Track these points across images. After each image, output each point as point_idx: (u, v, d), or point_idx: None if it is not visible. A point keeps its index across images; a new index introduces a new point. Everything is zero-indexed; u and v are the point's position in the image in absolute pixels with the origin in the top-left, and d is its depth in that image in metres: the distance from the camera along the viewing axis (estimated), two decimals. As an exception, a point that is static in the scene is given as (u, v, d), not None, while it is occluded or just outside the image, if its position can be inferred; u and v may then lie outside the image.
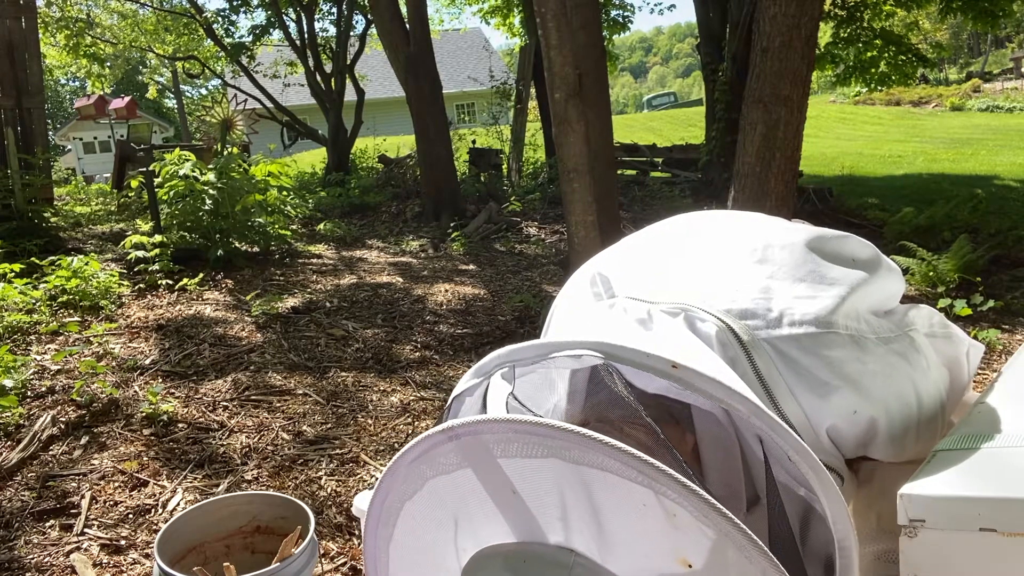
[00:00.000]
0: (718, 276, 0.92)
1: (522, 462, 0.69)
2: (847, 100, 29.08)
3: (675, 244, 1.03)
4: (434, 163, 8.09)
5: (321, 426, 2.98)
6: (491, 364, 0.88)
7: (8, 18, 6.12)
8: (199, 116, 13.59)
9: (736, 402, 0.74)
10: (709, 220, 1.06)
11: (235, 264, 5.55)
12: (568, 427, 0.65)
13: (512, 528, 0.73)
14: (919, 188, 9.53)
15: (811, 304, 0.87)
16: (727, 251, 0.96)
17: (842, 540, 0.76)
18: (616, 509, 0.67)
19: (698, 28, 9.57)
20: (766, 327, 0.85)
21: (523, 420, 0.68)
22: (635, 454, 0.63)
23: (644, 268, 1.00)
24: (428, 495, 0.78)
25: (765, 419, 0.74)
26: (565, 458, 0.66)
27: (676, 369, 0.75)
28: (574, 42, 3.91)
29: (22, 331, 3.86)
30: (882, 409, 0.88)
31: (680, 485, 0.62)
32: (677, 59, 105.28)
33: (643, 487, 0.64)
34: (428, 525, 0.81)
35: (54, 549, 2.14)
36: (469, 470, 0.73)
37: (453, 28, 23.20)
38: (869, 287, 0.94)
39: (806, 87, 3.47)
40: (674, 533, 0.65)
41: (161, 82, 26.94)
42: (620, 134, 11.48)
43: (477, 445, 0.71)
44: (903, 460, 0.97)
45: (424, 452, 0.75)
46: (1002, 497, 0.73)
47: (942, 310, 4.23)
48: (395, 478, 0.79)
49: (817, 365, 0.85)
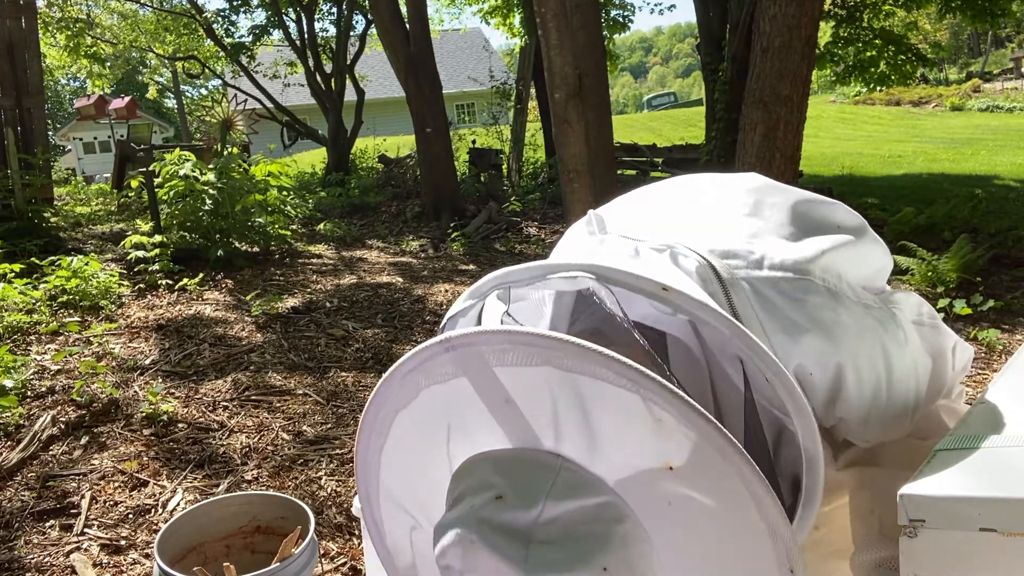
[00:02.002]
0: (706, 223, 0.96)
1: (517, 371, 0.71)
2: (847, 100, 29.08)
3: (670, 195, 1.08)
4: (434, 163, 8.09)
5: (321, 426, 2.98)
6: (486, 286, 0.90)
7: (8, 18, 6.12)
8: (199, 116, 13.60)
9: (722, 325, 0.77)
10: (706, 179, 1.08)
11: (235, 264, 5.55)
12: (564, 337, 0.67)
13: (506, 435, 0.75)
14: (919, 188, 9.53)
15: (792, 251, 0.90)
16: (718, 204, 1.00)
17: (810, 457, 0.78)
18: (605, 415, 0.69)
19: (698, 28, 9.58)
20: (746, 267, 0.88)
21: (520, 330, 0.70)
22: (626, 362, 0.65)
23: (638, 213, 1.05)
24: (422, 404, 0.79)
25: (747, 340, 0.77)
26: (559, 367, 0.68)
27: (666, 291, 0.78)
28: (574, 42, 3.92)
29: (22, 331, 3.86)
30: (850, 360, 0.90)
31: (666, 391, 0.65)
32: (677, 59, 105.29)
33: (632, 393, 0.66)
34: (421, 433, 0.82)
35: (54, 549, 2.14)
36: (464, 379, 0.75)
37: (453, 28, 23.26)
38: (852, 250, 0.96)
39: (806, 87, 3.47)
40: (659, 437, 0.67)
41: (161, 82, 26.94)
42: (620, 134, 11.48)
43: (473, 355, 0.72)
44: (870, 437, 0.98)
45: (420, 363, 0.76)
46: (1002, 497, 0.73)
47: (942, 310, 4.23)
48: (390, 388, 0.81)
49: (791, 307, 0.87)
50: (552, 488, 0.70)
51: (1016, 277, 5.03)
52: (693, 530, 0.70)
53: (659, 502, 0.70)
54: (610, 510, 0.70)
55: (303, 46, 11.85)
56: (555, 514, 0.68)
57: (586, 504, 0.69)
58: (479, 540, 0.68)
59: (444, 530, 0.72)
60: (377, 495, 0.90)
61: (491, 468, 0.74)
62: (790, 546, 0.66)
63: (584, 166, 3.84)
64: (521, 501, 0.69)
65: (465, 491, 0.74)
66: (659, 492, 0.69)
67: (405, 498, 0.87)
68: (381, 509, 0.91)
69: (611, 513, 0.70)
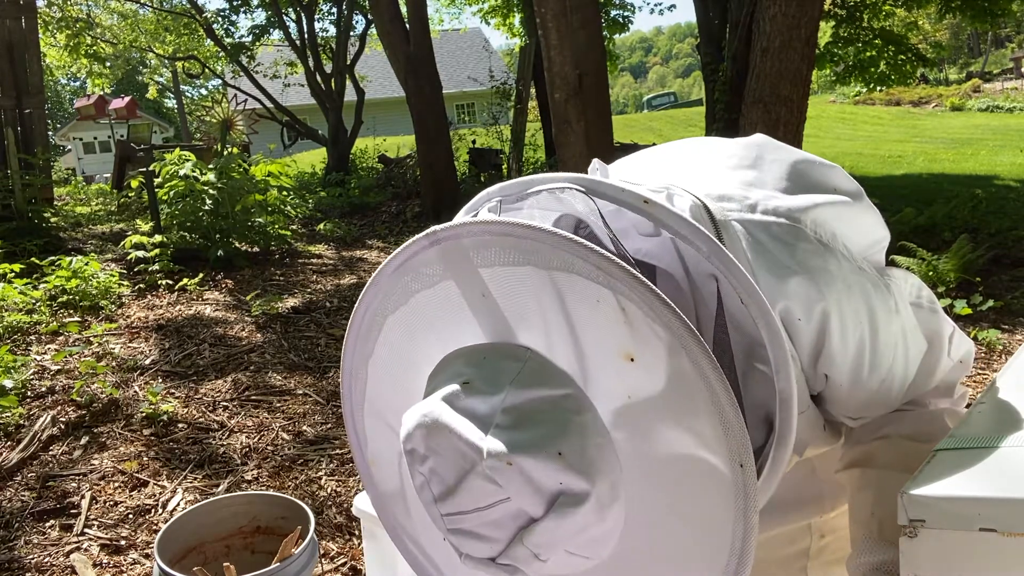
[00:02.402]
0: (706, 171, 0.97)
1: (500, 271, 0.72)
2: (847, 100, 29.08)
3: (675, 150, 1.09)
4: (434, 163, 8.10)
5: (321, 426, 2.98)
6: (480, 200, 0.91)
7: (8, 18, 6.12)
8: (199, 116, 13.59)
9: (699, 240, 0.77)
10: (713, 139, 1.11)
11: (235, 264, 5.55)
12: (541, 226, 0.68)
13: (483, 331, 0.77)
14: (919, 188, 9.53)
15: (787, 200, 0.91)
16: (719, 155, 1.01)
17: (783, 392, 0.77)
18: (577, 309, 0.70)
19: (698, 28, 9.58)
20: (739, 210, 0.89)
21: (498, 221, 0.71)
22: (598, 251, 0.66)
23: (641, 164, 1.06)
24: (411, 309, 0.80)
25: (723, 257, 0.77)
26: (537, 264, 0.70)
27: (647, 204, 0.78)
28: (574, 42, 3.92)
29: (22, 331, 3.86)
30: (836, 309, 0.89)
31: (634, 279, 0.65)
32: (677, 59, 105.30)
33: (600, 284, 0.67)
34: (408, 338, 0.83)
35: (54, 549, 2.14)
36: (451, 282, 0.76)
37: (453, 28, 23.27)
38: (847, 211, 0.97)
39: (806, 87, 3.47)
40: (622, 328, 0.68)
41: (161, 82, 26.94)
42: (620, 134, 11.48)
43: (457, 251, 0.74)
44: (853, 408, 0.98)
45: (406, 260, 0.77)
46: (1002, 497, 0.73)
47: (942, 310, 4.23)
48: (378, 289, 0.81)
49: (781, 250, 0.88)
50: (518, 376, 0.71)
51: (1016, 277, 5.03)
52: (649, 425, 0.71)
53: (620, 396, 0.71)
54: (571, 401, 0.71)
55: (303, 46, 11.85)
56: (517, 401, 0.70)
57: (549, 394, 0.71)
58: (441, 422, 0.70)
59: (410, 415, 0.74)
60: (361, 406, 0.91)
61: (463, 361, 0.76)
62: (742, 440, 0.66)
63: (584, 166, 3.84)
64: (486, 387, 0.71)
65: (437, 384, 0.75)
66: (620, 384, 0.70)
67: (394, 416, 0.86)
68: (365, 423, 0.92)
69: (572, 404, 0.71)
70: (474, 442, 0.68)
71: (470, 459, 0.68)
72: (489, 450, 0.67)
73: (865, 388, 0.95)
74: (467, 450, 0.68)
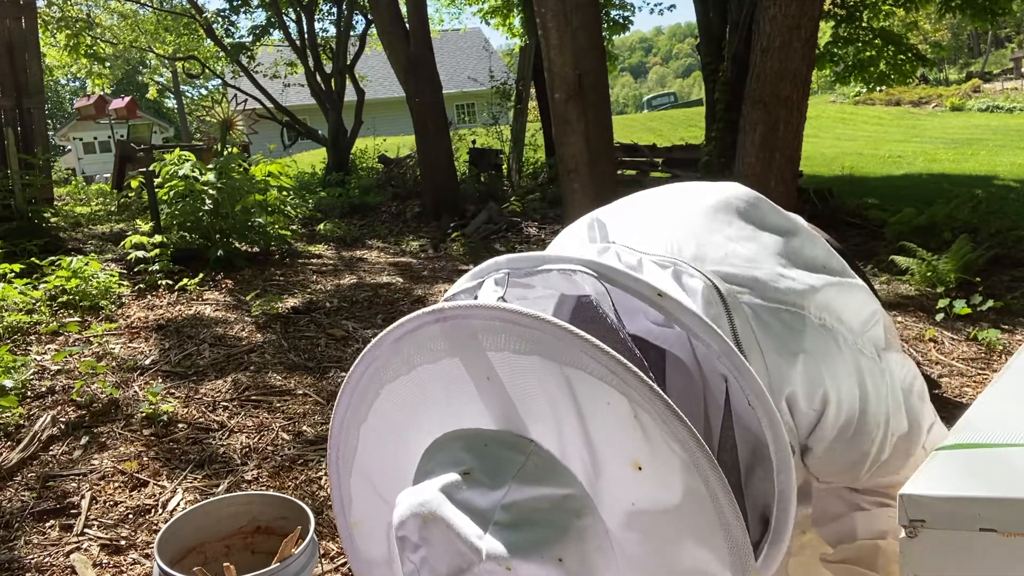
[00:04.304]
0: (710, 241, 0.97)
1: (508, 356, 0.71)
2: (847, 100, 29.07)
3: (670, 205, 1.08)
4: (434, 163, 8.09)
5: (321, 426, 2.98)
6: (487, 269, 0.90)
7: (8, 18, 6.12)
8: (199, 116, 13.59)
9: (711, 339, 0.78)
10: (705, 191, 1.10)
11: (235, 264, 5.55)
12: (552, 320, 0.68)
13: (488, 414, 0.75)
14: (919, 188, 9.53)
15: (791, 284, 0.93)
16: (720, 222, 1.02)
17: (783, 492, 0.78)
18: (586, 406, 0.69)
19: (698, 28, 9.57)
20: (749, 293, 0.90)
21: (510, 308, 0.70)
22: (611, 353, 0.65)
23: (639, 221, 1.05)
24: (411, 380, 0.79)
25: (734, 359, 0.77)
26: (547, 355, 0.69)
27: (661, 297, 0.79)
28: (574, 42, 3.92)
29: (22, 331, 3.86)
30: (834, 392, 0.92)
31: (648, 388, 0.65)
32: (677, 59, 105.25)
33: (614, 388, 0.66)
34: (405, 409, 0.82)
35: (54, 549, 2.14)
36: (457, 360, 0.75)
37: (453, 28, 23.25)
38: (842, 290, 0.99)
39: (806, 87, 3.46)
40: (635, 435, 0.67)
41: (161, 82, 26.93)
42: (620, 134, 11.48)
43: (465, 330, 0.73)
44: (823, 470, 1.01)
45: (410, 331, 0.76)
46: (1002, 497, 0.73)
47: (942, 310, 4.23)
48: (378, 354, 0.80)
49: (789, 336, 0.89)
50: (520, 471, 0.70)
51: (1016, 277, 5.03)
52: (653, 533, 0.70)
53: (625, 501, 0.70)
54: (573, 502, 0.70)
55: (303, 46, 11.84)
56: (518, 498, 0.68)
57: (551, 493, 0.69)
58: (438, 513, 0.68)
59: (405, 501, 0.72)
60: (349, 469, 0.90)
61: (462, 445, 0.74)
62: (745, 558, 0.67)
63: (584, 166, 3.84)
64: (487, 480, 0.69)
65: (434, 467, 0.74)
66: (627, 490, 0.69)
67: (384, 485, 0.86)
68: (351, 484, 0.91)
69: (574, 505, 0.70)
70: (472, 541, 0.66)
71: (467, 558, 0.67)
72: (488, 552, 0.65)
73: (840, 460, 0.98)
74: (464, 548, 0.67)
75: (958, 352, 3.77)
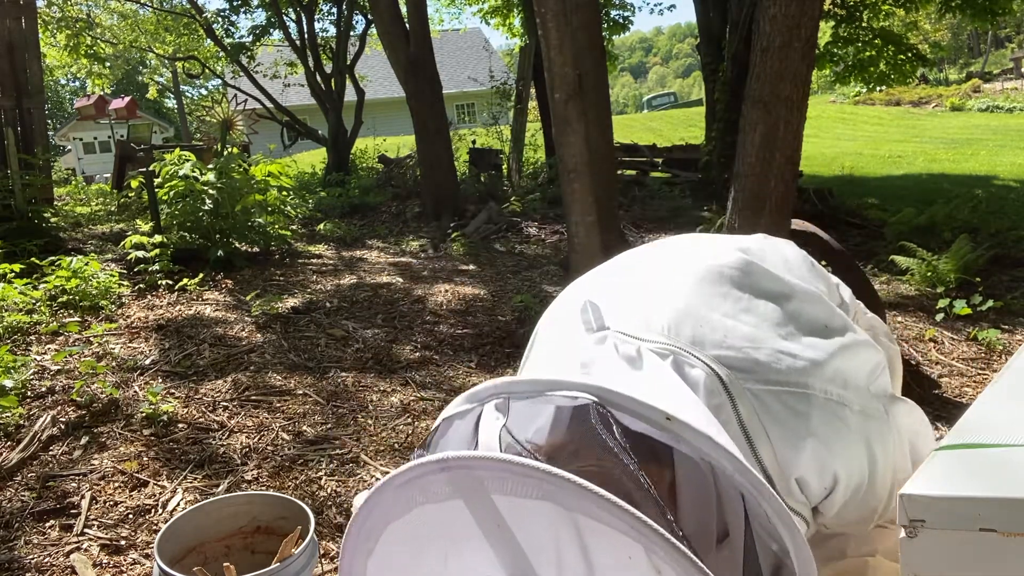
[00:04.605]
0: (707, 320, 0.96)
1: (516, 500, 0.71)
2: (847, 100, 29.06)
3: (669, 275, 1.07)
4: (434, 163, 8.09)
5: (321, 426, 2.98)
6: (485, 393, 0.89)
7: (8, 18, 6.12)
8: (199, 116, 13.59)
9: (724, 460, 0.78)
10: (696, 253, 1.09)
11: (235, 264, 5.55)
12: (563, 474, 0.67)
13: (498, 560, 0.75)
14: (919, 188, 9.53)
15: (793, 362, 0.93)
16: (716, 296, 1.01)
17: None
18: (604, 558, 0.68)
19: (698, 28, 9.58)
20: (751, 378, 0.90)
21: (519, 462, 0.69)
22: (628, 509, 0.65)
23: (636, 298, 1.03)
24: (415, 519, 0.79)
25: (750, 478, 0.78)
26: (557, 502, 0.68)
27: (670, 421, 0.78)
28: (574, 42, 3.92)
29: (22, 331, 3.86)
30: (844, 467, 0.94)
31: (669, 544, 0.64)
32: (677, 59, 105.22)
33: (633, 541, 0.66)
34: (411, 546, 0.82)
35: (54, 549, 2.14)
36: (460, 501, 0.74)
37: (453, 28, 23.20)
38: (845, 352, 1.00)
39: (806, 87, 3.46)
40: None
41: (161, 82, 26.93)
42: (620, 134, 11.48)
43: (470, 478, 0.72)
44: (832, 523, 1.02)
45: (414, 478, 0.76)
46: (1002, 497, 0.73)
47: (942, 310, 4.23)
48: (382, 497, 0.80)
49: (797, 421, 0.90)
50: None
51: (1016, 277, 5.03)
52: None
53: None
54: None
55: (303, 46, 11.84)
56: None
57: None
58: None
59: None
60: None
61: None
62: None
63: (584, 166, 3.84)
64: None
65: None
66: None
67: None
68: None
69: None
70: None
71: None
72: None
73: (851, 517, 1.00)
74: None
75: (958, 352, 3.77)
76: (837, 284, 1.31)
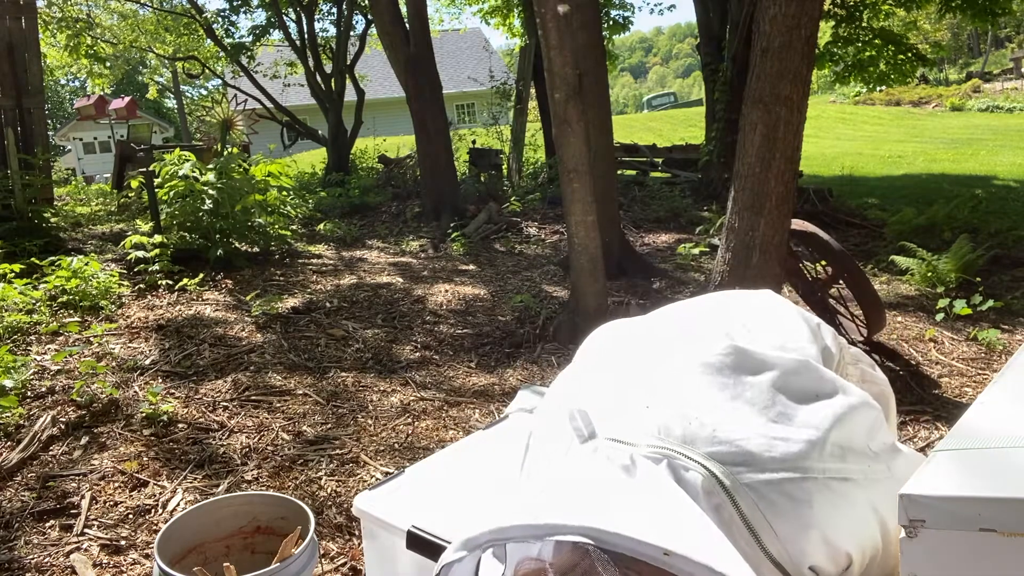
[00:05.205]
0: (696, 417, 0.95)
1: None
2: (847, 100, 29.07)
3: (654, 369, 1.06)
4: (434, 163, 8.09)
5: (321, 426, 2.98)
6: (482, 539, 0.89)
7: (8, 18, 6.12)
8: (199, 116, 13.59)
9: None
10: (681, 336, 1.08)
11: (235, 264, 5.55)
12: None
13: None
14: (919, 188, 9.53)
15: (787, 447, 0.92)
16: (704, 386, 1.00)
17: None
18: None
19: (698, 28, 9.57)
20: (748, 472, 0.90)
21: None
22: None
23: (623, 398, 1.03)
24: None
25: None
26: None
27: (668, 556, 0.79)
28: (574, 42, 3.91)
29: (22, 331, 3.86)
30: (857, 545, 0.94)
31: None
32: (677, 59, 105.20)
33: None
34: None
35: (54, 549, 2.14)
36: None
37: (453, 28, 23.17)
38: (843, 423, 0.98)
39: (806, 87, 3.46)
40: None
41: (161, 82, 26.92)
42: (620, 134, 11.48)
43: None
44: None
45: None
46: (1002, 497, 0.73)
47: (942, 310, 4.23)
48: None
49: (798, 509, 0.89)
50: None
51: (1016, 277, 5.03)
52: None
53: None
54: None
55: (303, 46, 11.83)
56: None
57: None
58: None
59: None
60: None
61: None
62: None
63: (584, 166, 3.84)
64: None
65: None
66: None
67: None
68: None
69: None
70: None
71: None
72: None
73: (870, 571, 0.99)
74: None
75: (958, 352, 3.77)
76: (818, 324, 1.27)
